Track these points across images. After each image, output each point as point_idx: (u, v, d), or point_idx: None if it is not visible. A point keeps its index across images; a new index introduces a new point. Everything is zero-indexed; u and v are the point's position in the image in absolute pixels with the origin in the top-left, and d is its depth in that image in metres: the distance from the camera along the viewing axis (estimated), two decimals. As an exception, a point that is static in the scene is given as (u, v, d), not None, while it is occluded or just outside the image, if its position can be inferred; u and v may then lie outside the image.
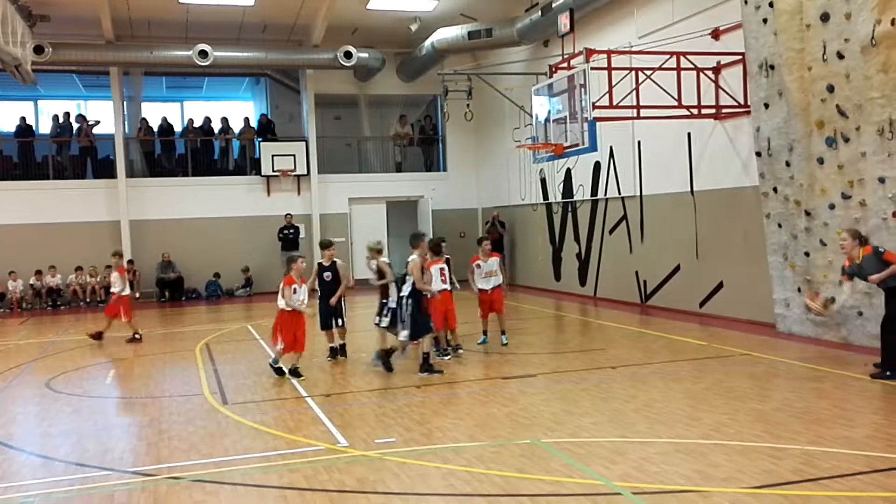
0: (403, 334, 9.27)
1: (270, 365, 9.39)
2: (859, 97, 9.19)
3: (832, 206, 9.83)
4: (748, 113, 11.39)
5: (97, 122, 20.77)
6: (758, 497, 4.96)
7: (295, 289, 9.28)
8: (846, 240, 8.31)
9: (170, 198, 20.09)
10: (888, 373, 8.08)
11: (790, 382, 8.28)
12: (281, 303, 9.28)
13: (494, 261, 10.98)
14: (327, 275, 10.03)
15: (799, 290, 10.59)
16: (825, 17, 9.49)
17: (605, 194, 15.96)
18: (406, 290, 9.20)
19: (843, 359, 9.15)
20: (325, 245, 10.23)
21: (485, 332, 11.19)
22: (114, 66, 19.52)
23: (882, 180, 9.09)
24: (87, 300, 18.95)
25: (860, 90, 9.15)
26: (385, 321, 9.93)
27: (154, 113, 22.17)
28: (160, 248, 19.61)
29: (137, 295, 19.37)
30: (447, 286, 10.11)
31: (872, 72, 8.92)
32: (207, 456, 6.32)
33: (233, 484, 5.68)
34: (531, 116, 13.28)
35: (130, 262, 19.41)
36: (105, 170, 20.20)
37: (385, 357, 9.37)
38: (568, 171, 17.29)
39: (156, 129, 21.34)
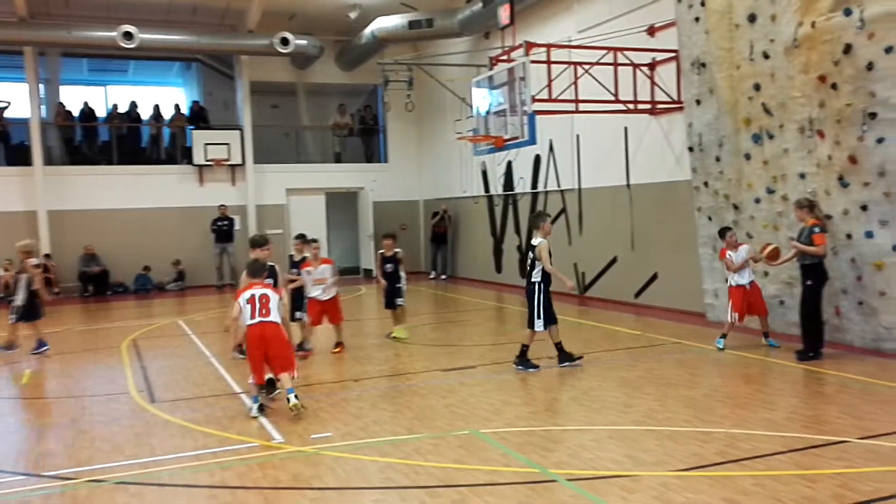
0: (539, 324, 8.76)
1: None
2: (783, 96, 9.53)
3: (758, 200, 10.19)
4: (682, 109, 11.68)
5: (7, 105, 19.52)
6: (684, 479, 5.14)
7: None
8: (796, 210, 8.76)
9: (93, 187, 19.21)
10: (811, 354, 8.47)
11: (718, 369, 8.59)
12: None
13: (745, 249, 9.47)
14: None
15: (727, 280, 10.93)
16: (752, 18, 9.80)
17: (545, 187, 16.15)
18: (537, 275, 8.71)
19: (767, 346, 9.51)
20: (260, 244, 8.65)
21: (765, 335, 9.65)
22: (28, 45, 18.38)
23: (802, 176, 9.46)
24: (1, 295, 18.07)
25: (783, 89, 9.49)
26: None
27: (75, 97, 21.09)
28: (82, 240, 18.81)
29: (57, 290, 18.69)
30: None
31: (794, 72, 9.25)
32: (132, 457, 6.09)
33: (160, 485, 5.50)
34: (472, 108, 13.33)
35: (47, 255, 18.68)
36: (20, 156, 19.09)
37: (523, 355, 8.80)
38: (509, 164, 17.44)
39: (76, 113, 20.41)
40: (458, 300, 16.03)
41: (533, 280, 8.73)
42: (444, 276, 20.25)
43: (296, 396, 7.01)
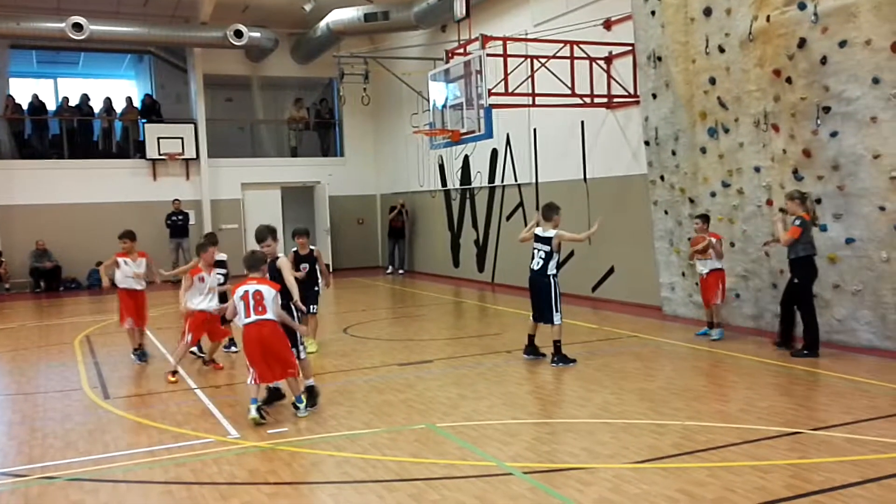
0: (557, 317, 8.51)
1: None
2: (738, 90, 9.64)
3: (713, 194, 10.30)
4: (638, 103, 11.75)
5: None
6: (639, 471, 5.15)
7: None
8: (787, 202, 8.50)
9: (44, 181, 18.77)
10: (805, 351, 8.30)
11: (673, 362, 8.66)
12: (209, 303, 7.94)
13: (711, 241, 9.51)
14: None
15: (683, 274, 11.06)
16: (708, 12, 9.90)
17: (503, 181, 16.16)
18: (553, 268, 8.53)
19: (722, 339, 9.62)
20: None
21: (709, 325, 9.82)
22: (-27, 37, 17.93)
23: (757, 169, 9.59)
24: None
25: (739, 83, 9.60)
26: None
27: (24, 89, 20.57)
28: (33, 235, 18.31)
29: (8, 286, 18.18)
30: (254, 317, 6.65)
31: (750, 66, 9.37)
32: (86, 453, 5.98)
33: (114, 481, 5.39)
34: (428, 102, 13.25)
35: None
36: (-34, 150, 18.68)
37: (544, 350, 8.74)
38: (466, 158, 17.41)
39: (26, 106, 19.89)
40: (416, 295, 15.95)
41: (549, 273, 8.56)
42: (401, 271, 20.17)
43: (306, 406, 6.72)
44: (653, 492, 4.77)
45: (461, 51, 12.39)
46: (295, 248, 9.83)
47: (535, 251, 8.63)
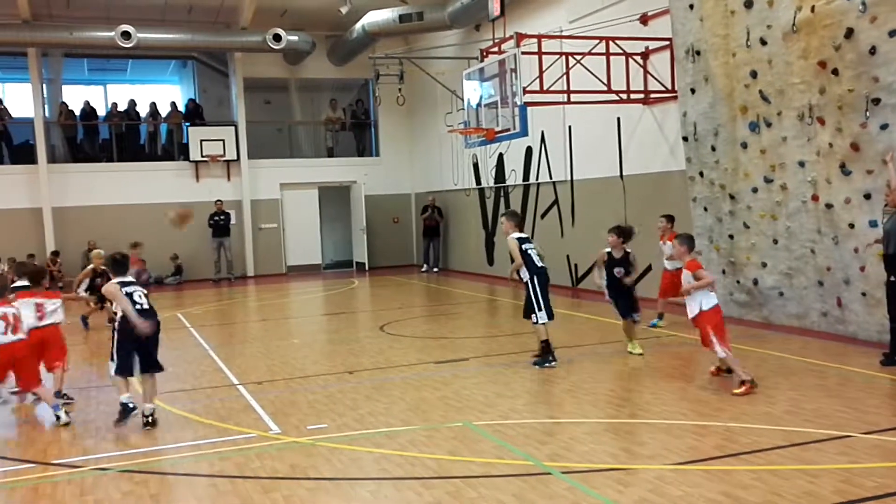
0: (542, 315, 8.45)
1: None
2: (781, 83, 9.43)
3: (755, 190, 10.11)
4: (675, 98, 11.59)
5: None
6: (681, 473, 5.07)
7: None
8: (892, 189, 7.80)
9: (94, 184, 19.48)
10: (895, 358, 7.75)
11: (714, 361, 8.47)
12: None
13: (668, 246, 9.80)
14: None
15: (724, 272, 10.88)
16: (749, 4, 9.71)
17: (537, 179, 16.08)
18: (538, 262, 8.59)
19: (764, 338, 9.45)
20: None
21: (660, 316, 10.46)
22: (31, 46, 18.67)
23: (802, 164, 9.38)
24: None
25: (782, 76, 9.40)
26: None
27: (76, 96, 21.30)
28: (85, 235, 18.85)
29: (61, 285, 18.70)
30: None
31: (793, 58, 9.16)
32: (135, 446, 6.19)
33: (161, 473, 5.58)
34: (463, 101, 13.25)
35: (55, 252, 18.70)
36: (23, 155, 19.47)
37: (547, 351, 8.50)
38: (500, 156, 17.36)
39: (77, 112, 20.60)
40: (451, 293, 15.97)
41: (540, 266, 8.80)
42: (436, 269, 20.23)
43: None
44: (695, 494, 4.68)
45: (496, 49, 12.36)
46: (607, 249, 8.94)
47: (531, 251, 8.78)
